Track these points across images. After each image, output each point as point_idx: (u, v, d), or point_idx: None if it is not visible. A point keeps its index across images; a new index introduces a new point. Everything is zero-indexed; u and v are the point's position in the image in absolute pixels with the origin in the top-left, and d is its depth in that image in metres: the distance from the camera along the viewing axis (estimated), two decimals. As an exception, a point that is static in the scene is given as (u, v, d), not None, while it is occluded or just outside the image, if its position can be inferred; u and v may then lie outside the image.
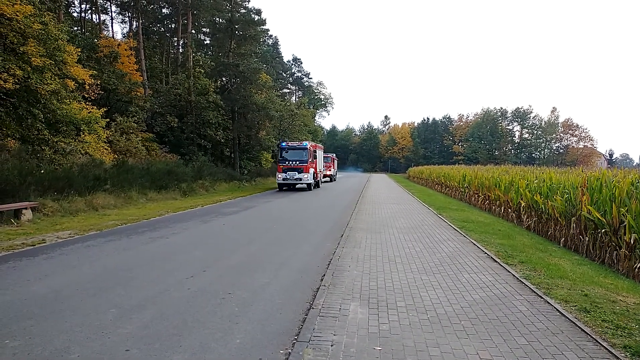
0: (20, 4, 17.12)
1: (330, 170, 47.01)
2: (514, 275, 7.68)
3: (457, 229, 12.91)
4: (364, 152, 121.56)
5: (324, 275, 7.53)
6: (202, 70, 37.90)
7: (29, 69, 17.28)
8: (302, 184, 31.96)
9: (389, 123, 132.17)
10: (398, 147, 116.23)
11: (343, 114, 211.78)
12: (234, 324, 5.35)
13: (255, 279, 7.43)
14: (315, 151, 34.88)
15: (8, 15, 16.76)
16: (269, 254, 9.58)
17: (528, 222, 15.27)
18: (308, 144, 33.23)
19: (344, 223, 14.18)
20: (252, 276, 7.64)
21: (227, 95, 38.96)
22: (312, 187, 32.82)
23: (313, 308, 5.79)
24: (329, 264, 8.34)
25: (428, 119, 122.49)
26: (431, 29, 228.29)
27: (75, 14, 40.92)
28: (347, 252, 9.38)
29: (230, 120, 39.52)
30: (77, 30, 36.28)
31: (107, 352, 4.53)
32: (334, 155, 58.00)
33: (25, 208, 13.26)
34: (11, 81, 16.49)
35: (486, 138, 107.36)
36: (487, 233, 12.44)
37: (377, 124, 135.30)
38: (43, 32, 18.06)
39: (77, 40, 26.38)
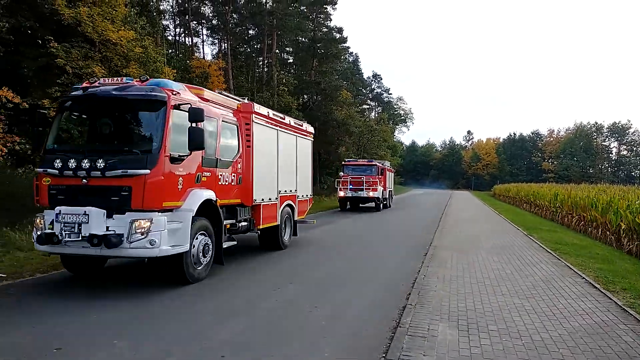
0: (124, 29, 18.72)
1: (377, 189, 26.47)
2: (616, 303, 7.09)
3: (550, 251, 12.18)
4: (445, 168, 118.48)
5: (409, 294, 7.41)
6: (286, 89, 39.09)
7: (131, 90, 18.74)
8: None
9: (472, 138, 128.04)
10: (482, 164, 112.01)
11: (423, 129, 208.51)
12: (322, 338, 5.42)
13: (340, 294, 7.49)
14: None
15: (114, 40, 18.38)
16: (352, 270, 9.63)
17: (629, 246, 14.07)
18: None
19: (427, 241, 13.89)
20: (337, 291, 7.71)
21: (309, 112, 39.81)
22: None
23: (400, 326, 5.71)
24: (414, 283, 8.19)
25: (515, 134, 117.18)
26: (517, 39, 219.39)
27: (170, 38, 43.97)
28: (433, 272, 9.17)
29: (311, 137, 40.31)
30: (172, 52, 38.95)
31: (204, 357, 4.79)
32: (387, 164, 34.18)
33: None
34: (116, 101, 17.95)
35: (579, 155, 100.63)
36: (583, 256, 11.63)
37: (459, 139, 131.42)
38: (143, 55, 19.59)
39: (173, 62, 28.32)
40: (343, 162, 29.52)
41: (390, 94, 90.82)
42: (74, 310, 6.25)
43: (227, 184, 8.82)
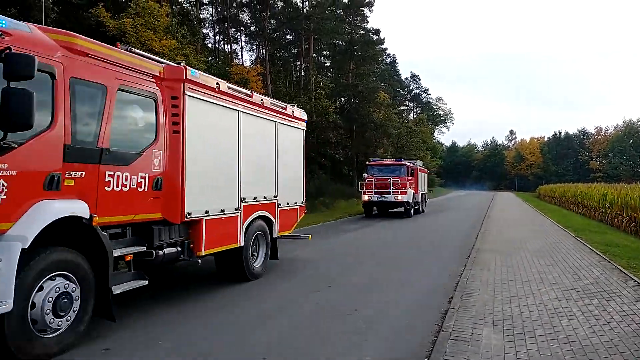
0: (166, 39, 19.27)
1: (406, 191, 23.19)
2: (671, 308, 6.73)
3: (600, 254, 11.69)
4: (487, 169, 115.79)
5: (452, 297, 7.26)
6: (323, 92, 39.24)
7: (174, 96, 19.28)
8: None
9: (515, 138, 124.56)
10: (526, 164, 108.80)
11: (464, 130, 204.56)
12: (363, 340, 5.39)
13: (380, 297, 7.44)
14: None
15: (156, 49, 18.95)
16: (391, 273, 9.53)
17: (687, 248, 13.32)
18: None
19: (469, 244, 13.60)
20: (376, 294, 7.66)
21: (346, 114, 39.83)
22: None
23: (443, 330, 5.61)
24: (456, 286, 8.04)
25: (560, 132, 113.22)
26: (560, 35, 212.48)
27: (210, 45, 44.94)
28: (476, 275, 8.97)
29: (349, 139, 40.27)
30: (212, 60, 39.79)
31: (246, 358, 4.85)
32: (419, 164, 29.84)
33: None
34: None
35: (629, 153, 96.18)
36: (636, 259, 11.09)
37: (501, 139, 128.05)
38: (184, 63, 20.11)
39: (213, 69, 28.89)
40: (367, 162, 26.21)
41: (429, 94, 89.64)
42: (120, 311, 6.45)
43: (127, 189, 5.74)
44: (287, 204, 9.98)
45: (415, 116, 75.61)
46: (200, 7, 39.17)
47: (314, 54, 47.10)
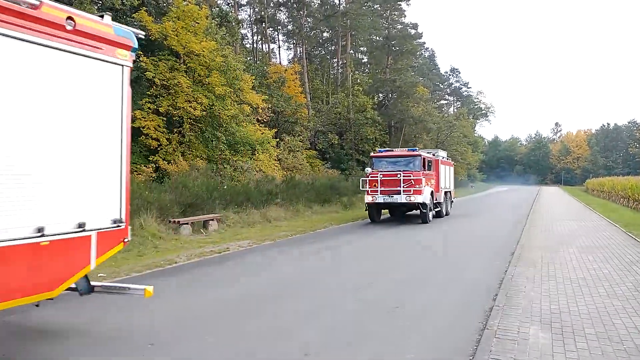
0: (205, 40, 19.67)
1: (421, 190, 17.87)
2: None
3: (654, 250, 11.17)
4: (531, 163, 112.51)
5: (497, 295, 7.10)
6: (360, 88, 39.13)
7: (213, 97, 19.71)
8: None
9: (561, 130, 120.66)
10: (572, 157, 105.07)
11: (506, 123, 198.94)
12: (406, 338, 5.35)
13: (422, 295, 7.36)
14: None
15: (197, 51, 19.40)
16: (434, 270, 9.41)
17: None
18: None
19: (514, 240, 13.26)
20: (419, 291, 7.58)
21: (384, 110, 39.58)
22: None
23: (488, 329, 5.50)
24: (500, 284, 7.85)
25: (608, 124, 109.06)
26: (607, 24, 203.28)
27: (248, 45, 45.57)
28: (521, 272, 8.73)
29: (387, 135, 39.99)
30: (250, 59, 40.37)
31: (288, 355, 4.89)
32: (441, 155, 23.36)
33: (212, 220, 15.02)
34: (199, 109, 18.98)
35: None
36: (694, 255, 10.54)
37: (546, 132, 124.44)
38: (224, 64, 20.47)
39: (251, 69, 29.30)
40: (371, 154, 20.61)
41: (470, 87, 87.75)
42: (167, 306, 6.66)
43: None
44: (69, 227, 4.70)
45: (455, 110, 74.18)
46: (239, 8, 39.78)
47: (351, 51, 46.98)
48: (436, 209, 20.08)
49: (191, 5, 19.61)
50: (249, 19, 44.30)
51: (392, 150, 21.28)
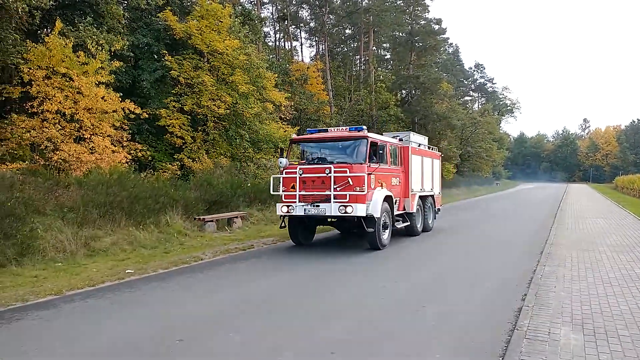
0: (229, 39, 19.76)
1: (362, 195, 10.36)
2: None
3: (690, 249, 10.79)
4: (558, 160, 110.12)
5: (526, 294, 6.95)
6: (383, 85, 38.87)
7: (237, 95, 19.81)
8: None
9: (589, 127, 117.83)
10: (601, 154, 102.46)
11: (533, 119, 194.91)
12: (432, 338, 5.27)
13: (449, 294, 7.24)
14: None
15: (220, 50, 19.50)
16: (460, 269, 9.27)
17: None
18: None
19: (542, 238, 12.99)
20: (445, 291, 7.47)
21: (408, 107, 39.23)
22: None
23: (517, 329, 5.38)
24: (529, 283, 7.68)
25: (638, 120, 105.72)
26: (634, 19, 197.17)
27: (270, 43, 45.69)
28: (551, 271, 8.53)
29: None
30: (273, 57, 40.48)
31: (315, 352, 4.88)
32: (416, 139, 14.56)
33: (236, 217, 15.12)
34: (223, 107, 19.09)
35: None
36: None
37: (573, 129, 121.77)
38: (247, 62, 20.53)
39: (273, 67, 29.34)
40: (291, 138, 13.38)
41: (495, 83, 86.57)
42: (195, 303, 6.72)
43: None
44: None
45: (480, 106, 73.06)
46: (261, 6, 39.92)
47: (374, 47, 46.67)
48: (404, 224, 13.04)
49: (215, 4, 19.72)
50: (271, 17, 44.41)
51: (326, 131, 12.68)
